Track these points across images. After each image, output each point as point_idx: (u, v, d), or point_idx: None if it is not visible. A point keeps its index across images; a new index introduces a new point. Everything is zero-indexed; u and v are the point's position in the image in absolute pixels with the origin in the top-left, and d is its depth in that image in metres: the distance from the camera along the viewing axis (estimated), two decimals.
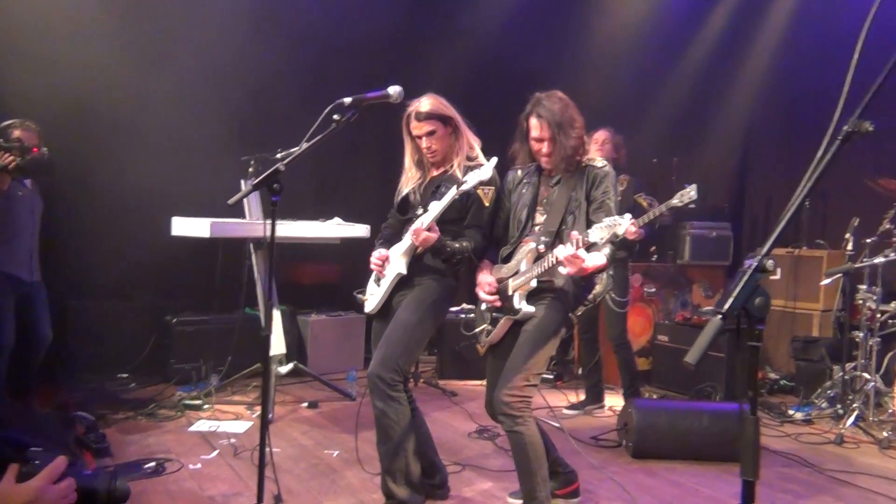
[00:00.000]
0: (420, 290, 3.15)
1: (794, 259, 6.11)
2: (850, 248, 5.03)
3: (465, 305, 6.43)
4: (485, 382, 5.80)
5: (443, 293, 3.18)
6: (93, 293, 5.50)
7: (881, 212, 4.94)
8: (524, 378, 2.87)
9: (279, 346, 5.05)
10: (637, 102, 7.23)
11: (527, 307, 2.95)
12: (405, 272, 3.15)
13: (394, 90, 2.97)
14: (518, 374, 2.87)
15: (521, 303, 2.96)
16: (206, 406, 4.89)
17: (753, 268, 1.18)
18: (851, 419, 4.70)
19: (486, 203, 3.12)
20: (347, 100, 2.75)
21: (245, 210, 5.14)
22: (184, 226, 4.74)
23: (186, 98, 5.55)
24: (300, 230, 5.11)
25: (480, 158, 3.16)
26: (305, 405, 5.17)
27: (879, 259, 4.75)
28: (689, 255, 6.44)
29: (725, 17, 7.33)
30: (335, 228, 5.27)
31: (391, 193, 3.40)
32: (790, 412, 5.10)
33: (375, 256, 3.28)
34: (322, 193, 6.14)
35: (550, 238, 2.95)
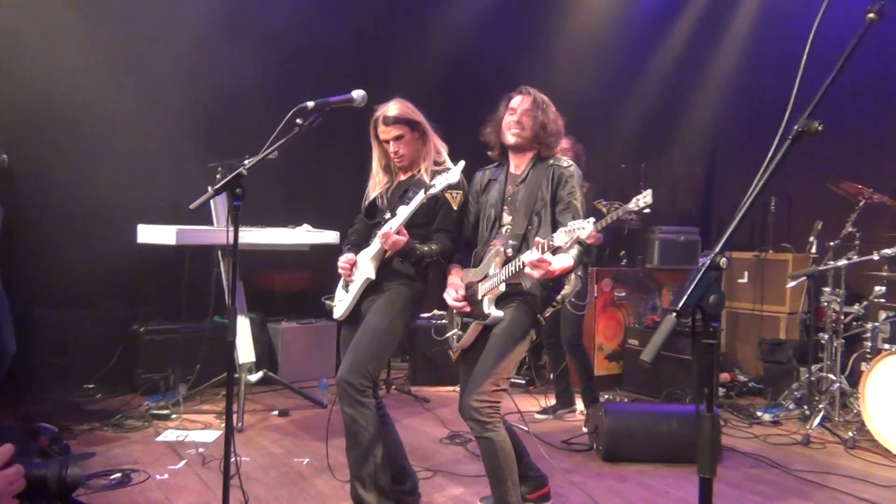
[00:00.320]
0: (389, 295, 3.14)
1: (760, 262, 6.19)
2: (815, 252, 5.10)
3: (437, 311, 6.44)
4: (457, 388, 5.90)
5: (412, 298, 3.17)
6: (57, 303, 5.40)
7: (844, 215, 5.02)
8: (493, 383, 2.86)
9: (248, 354, 5.01)
10: (604, 109, 7.30)
11: (496, 312, 2.95)
12: (374, 277, 3.14)
13: (357, 94, 2.96)
14: (487, 379, 2.86)
15: (490, 307, 2.95)
16: (174, 416, 4.83)
17: (706, 266, 1.20)
18: (818, 420, 4.76)
19: (455, 207, 3.13)
20: (310, 104, 2.74)
21: (212, 217, 5.09)
22: (150, 233, 4.68)
23: (153, 104, 5.49)
24: (269, 237, 5.08)
25: (448, 163, 3.17)
26: (276, 413, 5.12)
27: (843, 262, 4.84)
28: (658, 260, 6.49)
29: (691, 24, 7.42)
30: (304, 235, 5.24)
31: (360, 199, 3.39)
32: (758, 414, 5.16)
33: (343, 260, 3.26)
34: (291, 200, 6.10)
35: (517, 241, 2.95)
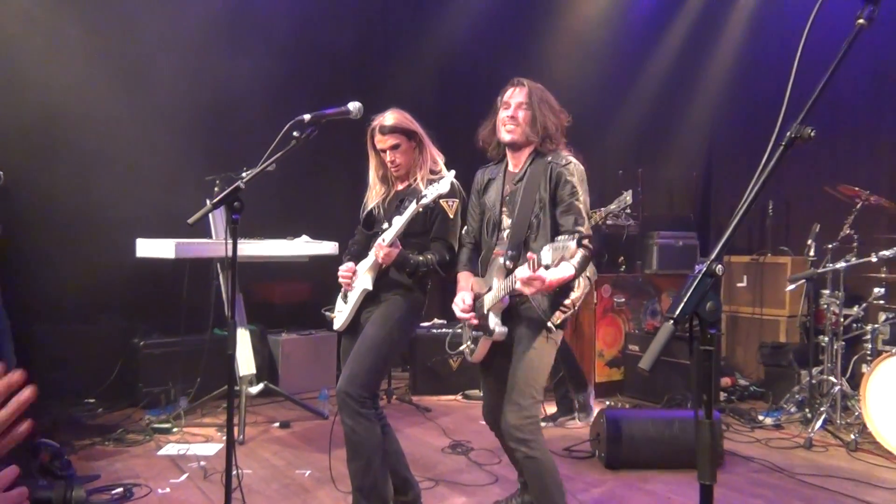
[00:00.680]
0: (387, 306, 3.14)
1: (759, 266, 6.20)
2: (813, 254, 5.11)
3: (437, 320, 6.44)
4: (458, 398, 5.91)
5: (410, 308, 3.17)
6: (57, 318, 5.39)
7: (841, 217, 5.03)
8: (528, 395, 2.75)
9: (249, 367, 5.00)
10: (600, 114, 7.32)
11: (500, 328, 2.81)
12: (371, 288, 3.15)
13: (353, 106, 2.97)
14: (521, 395, 2.75)
15: (496, 323, 2.82)
16: (175, 429, 4.82)
17: (702, 272, 1.20)
18: (819, 423, 4.76)
19: (451, 215, 3.13)
20: (307, 116, 2.75)
21: (211, 230, 5.09)
22: (148, 247, 4.69)
23: (149, 118, 5.50)
24: (268, 249, 5.08)
25: (444, 172, 3.17)
26: (277, 425, 5.11)
27: (841, 264, 4.84)
28: (657, 265, 6.50)
29: (686, 28, 7.47)
30: (303, 246, 5.24)
31: (358, 210, 3.40)
32: (760, 417, 5.15)
33: (343, 269, 3.27)
34: (289, 211, 6.10)
35: (517, 250, 2.81)
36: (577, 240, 2.35)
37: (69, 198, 5.18)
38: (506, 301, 2.81)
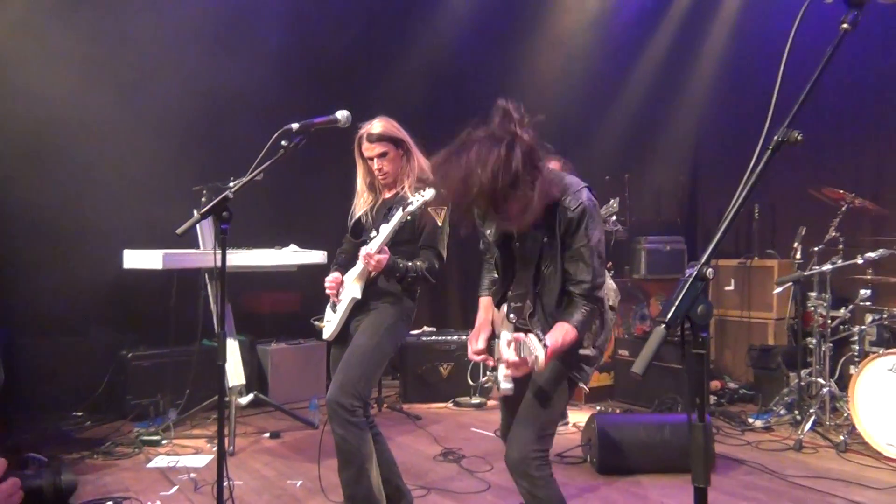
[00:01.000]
0: (376, 315, 3.14)
1: (746, 270, 6.24)
2: (799, 257, 5.14)
3: (426, 328, 6.44)
4: (448, 405, 5.90)
5: (400, 316, 3.17)
6: (44, 330, 5.34)
7: (827, 220, 5.07)
8: (539, 428, 2.49)
9: (238, 377, 4.97)
10: (586, 121, 7.35)
11: (506, 384, 2.45)
12: (360, 296, 3.14)
13: (342, 115, 2.97)
14: (529, 430, 2.49)
15: (505, 380, 2.46)
16: (165, 441, 4.78)
17: (693, 276, 1.21)
18: (809, 424, 4.78)
19: (440, 223, 3.12)
20: (295, 125, 2.74)
21: (199, 240, 5.07)
22: (136, 258, 4.65)
23: (136, 130, 5.47)
24: (256, 259, 5.06)
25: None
26: (267, 436, 5.09)
27: (827, 266, 4.87)
28: (645, 270, 6.52)
29: (671, 33, 7.52)
30: (292, 255, 5.22)
31: (346, 218, 3.39)
32: (750, 420, 5.17)
33: (329, 280, 3.26)
34: (277, 221, 6.08)
35: (521, 301, 2.51)
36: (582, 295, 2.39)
37: (56, 210, 5.15)
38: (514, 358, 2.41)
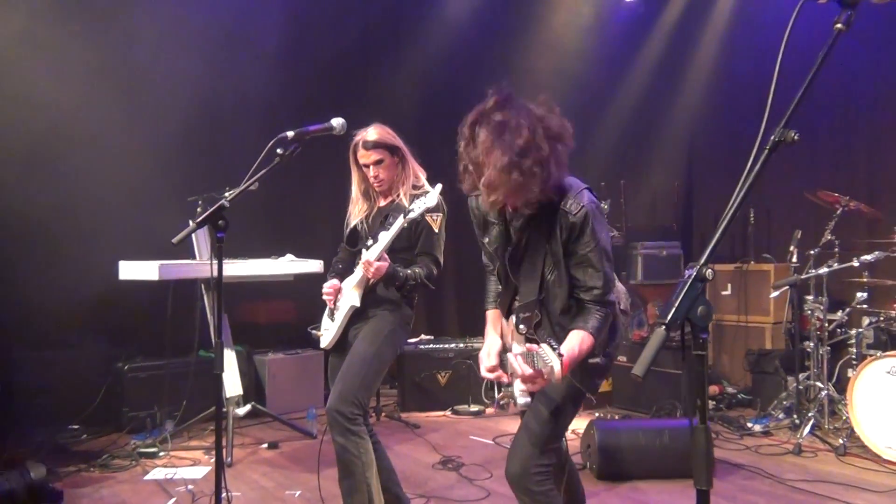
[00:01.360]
0: (375, 322, 3.13)
1: (743, 274, 6.24)
2: (795, 261, 5.15)
3: (424, 336, 6.43)
4: (447, 413, 5.88)
5: (398, 324, 3.16)
6: (39, 342, 5.31)
7: (822, 223, 5.08)
8: (543, 442, 2.39)
9: (235, 388, 4.95)
10: (582, 126, 7.30)
11: (523, 399, 2.39)
12: (358, 304, 3.13)
13: (337, 122, 2.97)
14: (531, 444, 2.39)
15: (520, 396, 2.39)
16: (162, 453, 4.75)
17: (693, 277, 1.20)
18: (808, 428, 4.78)
19: (436, 230, 3.13)
20: (290, 133, 2.74)
21: (195, 250, 5.05)
22: (131, 269, 4.63)
23: (130, 140, 5.46)
24: (252, 268, 5.05)
25: (426, 187, 3.17)
26: (265, 446, 5.06)
27: (823, 269, 4.88)
28: (642, 275, 6.53)
29: (665, 39, 7.54)
30: (288, 265, 5.21)
31: (342, 226, 3.38)
32: (748, 425, 5.17)
33: (327, 287, 3.25)
34: (273, 230, 6.07)
35: (529, 311, 2.41)
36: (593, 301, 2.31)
37: (51, 220, 5.12)
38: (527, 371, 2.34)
